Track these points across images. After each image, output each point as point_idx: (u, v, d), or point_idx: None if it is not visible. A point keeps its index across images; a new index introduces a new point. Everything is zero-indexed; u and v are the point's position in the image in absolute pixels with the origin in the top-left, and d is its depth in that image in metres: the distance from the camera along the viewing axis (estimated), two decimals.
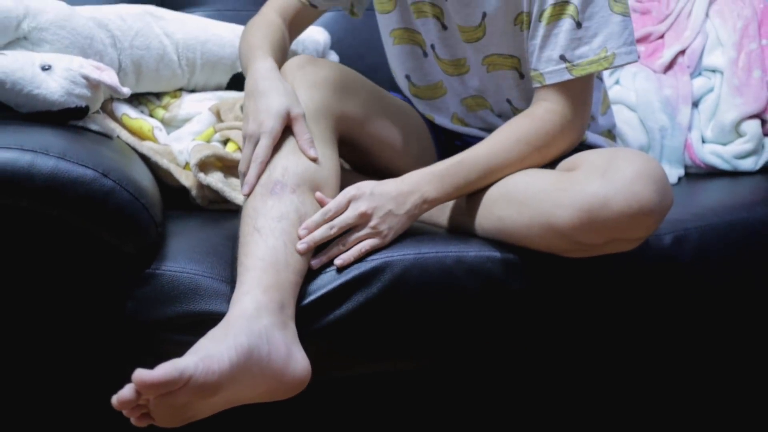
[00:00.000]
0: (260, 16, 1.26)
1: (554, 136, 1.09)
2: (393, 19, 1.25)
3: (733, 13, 1.60)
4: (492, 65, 1.19)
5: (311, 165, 1.04)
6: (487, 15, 1.14)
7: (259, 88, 1.07)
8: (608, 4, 1.05)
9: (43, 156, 0.95)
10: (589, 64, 1.07)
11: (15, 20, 1.15)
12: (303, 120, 1.05)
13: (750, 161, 1.51)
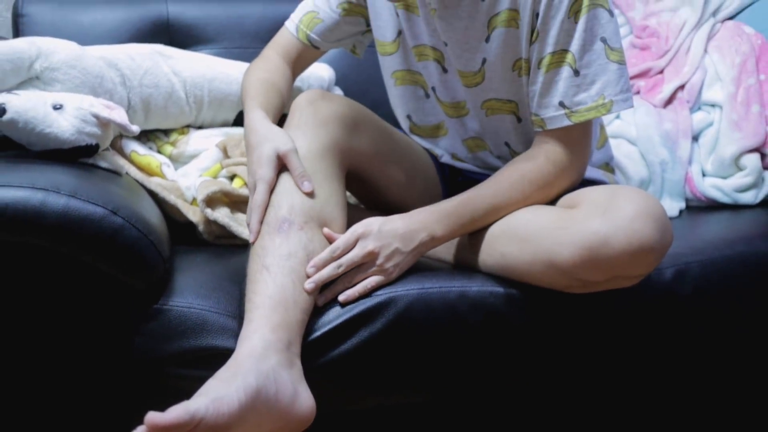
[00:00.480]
0: (261, 58, 1.29)
1: (556, 177, 1.11)
2: (395, 61, 1.27)
3: (731, 49, 1.63)
4: (491, 109, 1.22)
5: (317, 201, 1.06)
6: (486, 61, 1.16)
7: (251, 142, 1.10)
8: (605, 52, 1.08)
9: (55, 194, 0.97)
10: (587, 110, 1.09)
11: (28, 61, 1.18)
12: (294, 155, 1.06)
13: (750, 194, 1.52)
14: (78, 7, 1.60)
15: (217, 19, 1.67)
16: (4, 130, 1.12)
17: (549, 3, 1.06)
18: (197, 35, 1.65)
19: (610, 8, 1.08)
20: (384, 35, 1.26)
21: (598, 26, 1.07)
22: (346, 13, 1.28)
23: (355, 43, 1.34)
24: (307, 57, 1.32)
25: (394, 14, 1.23)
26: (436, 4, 1.15)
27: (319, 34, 1.29)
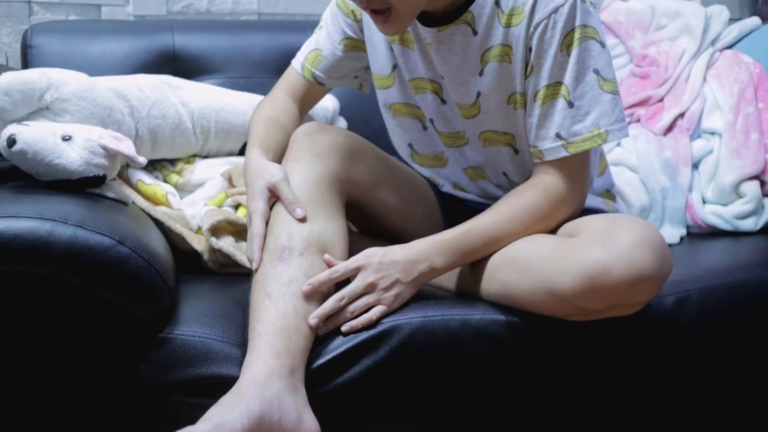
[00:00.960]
0: (269, 98, 1.32)
1: (556, 207, 1.13)
2: (392, 94, 1.30)
3: (729, 78, 1.65)
4: (487, 140, 1.24)
5: (316, 228, 1.07)
6: (481, 94, 1.18)
7: (247, 180, 1.14)
8: (598, 83, 1.10)
9: (62, 225, 0.99)
10: (583, 141, 1.11)
11: (38, 92, 1.20)
12: (283, 185, 1.09)
13: (750, 222, 1.53)
14: (86, 38, 1.62)
15: (222, 49, 1.69)
16: (14, 160, 1.15)
17: (541, 37, 1.09)
18: (203, 65, 1.67)
19: (601, 40, 1.10)
20: (381, 69, 1.29)
21: (590, 58, 1.09)
22: (348, 49, 1.31)
23: (360, 80, 1.37)
24: (314, 94, 1.35)
25: (390, 49, 1.25)
26: (431, 39, 1.18)
27: (324, 71, 1.32)
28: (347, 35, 1.30)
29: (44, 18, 1.75)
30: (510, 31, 1.12)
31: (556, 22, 1.07)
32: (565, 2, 1.07)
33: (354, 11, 1.29)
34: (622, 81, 1.78)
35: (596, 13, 1.11)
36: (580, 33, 1.08)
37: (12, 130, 1.13)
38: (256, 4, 1.89)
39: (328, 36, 1.31)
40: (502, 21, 1.12)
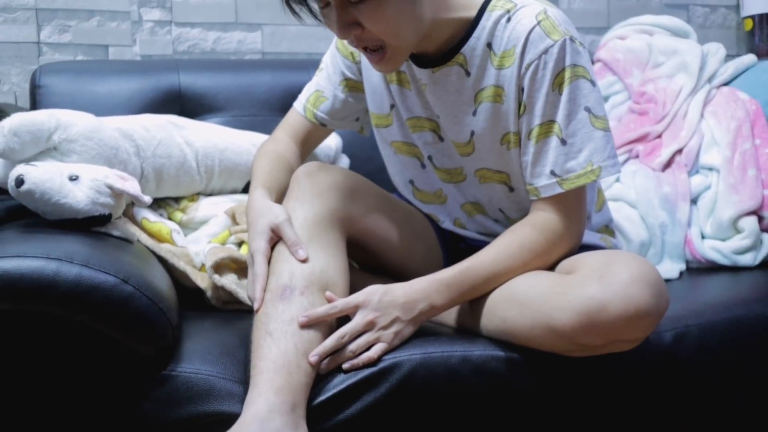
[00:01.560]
0: (271, 139, 1.35)
1: (554, 243, 1.14)
2: (393, 132, 1.32)
3: (726, 114, 1.67)
4: (483, 178, 1.26)
5: (317, 267, 1.09)
6: (475, 133, 1.21)
7: (249, 219, 1.15)
8: (590, 120, 1.12)
9: (68, 264, 1.01)
10: (577, 177, 1.13)
11: (47, 132, 1.23)
12: (286, 226, 1.10)
13: (749, 257, 1.55)
14: (93, 78, 1.65)
15: (227, 88, 1.72)
16: (22, 199, 1.17)
17: (533, 77, 1.11)
18: (208, 104, 1.70)
19: (591, 78, 1.13)
20: (380, 108, 1.32)
21: (581, 96, 1.12)
22: (348, 90, 1.34)
23: (361, 122, 1.40)
24: (316, 135, 1.38)
25: (388, 89, 1.28)
26: (426, 79, 1.21)
27: (326, 111, 1.35)
28: (347, 77, 1.33)
29: (53, 58, 1.79)
30: (502, 73, 1.15)
31: (547, 62, 1.10)
32: (554, 43, 1.10)
33: (353, 53, 1.32)
34: (621, 117, 1.81)
35: (585, 52, 1.14)
36: (570, 72, 1.11)
37: (20, 171, 1.16)
38: (260, 44, 1.93)
39: (328, 78, 1.35)
40: (495, 63, 1.15)
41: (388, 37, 1.08)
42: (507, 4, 1.15)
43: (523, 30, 1.11)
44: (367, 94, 1.33)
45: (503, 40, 1.14)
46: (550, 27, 1.10)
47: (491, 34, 1.15)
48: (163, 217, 1.43)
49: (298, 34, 1.95)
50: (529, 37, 1.11)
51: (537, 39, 1.10)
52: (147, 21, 1.85)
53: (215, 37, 1.90)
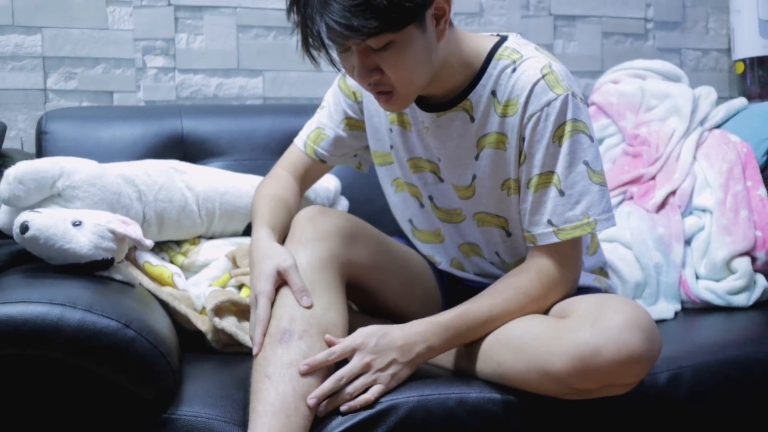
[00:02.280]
0: (271, 176, 1.37)
1: (549, 290, 1.17)
2: (394, 170, 1.35)
3: (718, 156, 1.70)
4: (481, 221, 1.29)
5: (317, 311, 1.11)
6: (476, 177, 1.24)
7: (254, 258, 1.17)
8: (587, 174, 1.15)
9: (71, 309, 1.03)
10: (573, 228, 1.15)
11: (51, 180, 1.26)
12: (293, 271, 1.12)
13: (743, 297, 1.56)
14: (98, 123, 1.69)
15: (228, 133, 1.75)
16: (27, 245, 1.20)
17: (534, 128, 1.14)
18: (210, 148, 1.73)
19: (590, 134, 1.16)
20: (382, 147, 1.35)
21: (581, 150, 1.15)
22: (349, 128, 1.37)
23: (359, 159, 1.42)
24: (315, 172, 1.41)
25: (389, 130, 1.32)
26: (429, 123, 1.24)
27: (326, 148, 1.38)
28: (348, 115, 1.37)
29: (59, 104, 1.83)
30: (506, 121, 1.18)
31: (549, 114, 1.13)
32: (557, 97, 1.13)
33: (355, 93, 1.35)
34: (615, 159, 1.84)
35: (586, 108, 1.17)
36: (571, 126, 1.14)
37: (25, 218, 1.19)
38: (261, 89, 1.98)
39: (329, 116, 1.38)
40: (498, 110, 1.18)
41: (402, 82, 1.11)
42: (513, 54, 1.18)
43: (527, 81, 1.15)
44: (369, 133, 1.36)
45: (507, 89, 1.17)
46: (553, 81, 1.14)
47: (496, 82, 1.18)
48: (165, 261, 1.45)
49: (299, 79, 1.99)
50: (533, 89, 1.14)
51: (541, 92, 1.14)
52: (151, 68, 1.90)
53: (217, 82, 1.95)
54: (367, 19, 1.01)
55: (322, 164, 1.40)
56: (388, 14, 1.02)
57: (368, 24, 1.01)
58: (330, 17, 1.02)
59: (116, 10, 1.86)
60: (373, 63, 1.09)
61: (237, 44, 1.95)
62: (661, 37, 2.30)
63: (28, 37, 1.80)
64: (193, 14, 1.92)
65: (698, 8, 2.33)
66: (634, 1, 2.27)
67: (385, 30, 1.03)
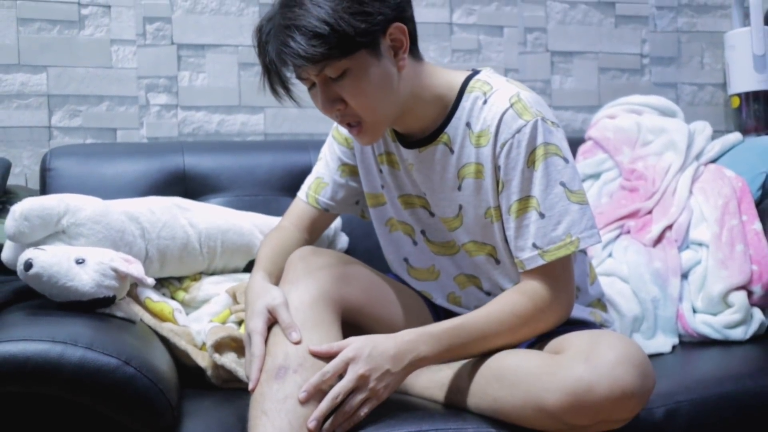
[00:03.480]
0: (276, 228, 1.41)
1: (542, 312, 1.18)
2: (387, 210, 1.38)
3: (714, 191, 1.72)
4: (471, 251, 1.31)
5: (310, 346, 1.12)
6: (462, 207, 1.27)
7: (248, 299, 1.20)
8: (565, 195, 1.18)
9: (72, 347, 1.05)
10: (557, 249, 1.18)
11: (56, 216, 1.29)
12: (282, 309, 1.15)
13: (739, 331, 1.57)
14: (101, 160, 1.71)
15: (230, 169, 1.77)
16: (30, 282, 1.22)
17: (507, 155, 1.18)
18: (211, 184, 1.75)
19: (564, 156, 1.19)
20: (373, 188, 1.38)
21: (556, 172, 1.18)
22: (346, 174, 1.41)
23: (361, 206, 1.46)
24: (320, 222, 1.44)
25: (379, 170, 1.36)
26: (412, 159, 1.28)
27: (327, 196, 1.42)
28: (343, 162, 1.41)
29: (63, 141, 1.86)
30: (480, 151, 1.22)
31: (520, 141, 1.17)
32: (526, 123, 1.17)
33: (347, 139, 1.39)
34: (612, 194, 1.86)
35: (559, 131, 1.20)
36: (543, 150, 1.17)
37: (29, 255, 1.21)
38: (262, 125, 2.01)
39: (327, 165, 1.42)
40: (473, 141, 1.22)
41: (365, 110, 1.15)
42: (484, 86, 1.22)
43: (497, 111, 1.18)
44: (362, 176, 1.40)
45: (479, 121, 1.21)
46: (521, 109, 1.18)
47: (470, 114, 1.22)
48: (166, 297, 1.47)
49: (299, 115, 2.02)
50: (502, 118, 1.18)
51: (510, 120, 1.17)
52: (154, 105, 1.93)
53: (219, 119, 1.98)
54: (313, 46, 1.08)
55: (325, 213, 1.43)
56: (332, 40, 1.08)
57: (315, 51, 1.08)
58: (282, 47, 1.10)
59: (120, 49, 1.90)
60: (335, 93, 1.14)
61: (238, 81, 1.99)
62: (657, 72, 2.33)
63: (34, 75, 1.84)
64: (195, 52, 1.96)
65: (693, 44, 2.37)
66: (629, 37, 2.31)
67: (333, 56, 1.09)
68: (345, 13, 1.08)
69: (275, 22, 1.13)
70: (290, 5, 1.11)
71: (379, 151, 1.34)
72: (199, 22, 1.95)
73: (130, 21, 1.90)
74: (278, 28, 1.11)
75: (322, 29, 1.07)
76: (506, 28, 2.19)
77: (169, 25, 1.93)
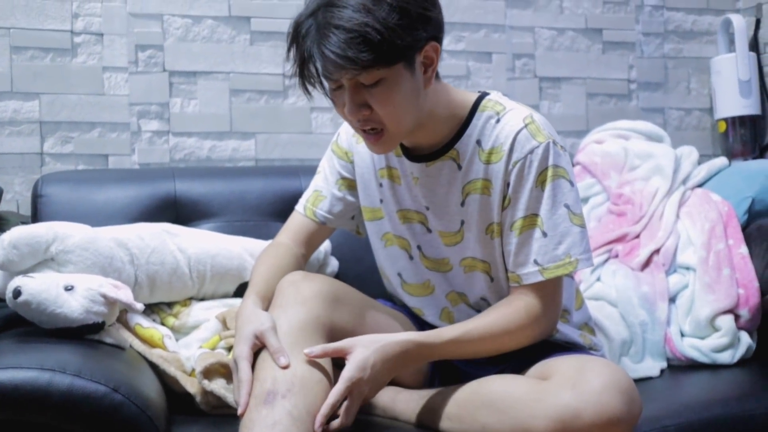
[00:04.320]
0: (273, 244, 1.42)
1: (527, 326, 1.21)
2: (385, 225, 1.40)
3: (700, 215, 1.74)
4: (468, 267, 1.33)
5: (299, 371, 1.13)
6: (464, 222, 1.29)
7: (237, 324, 1.22)
8: (569, 217, 1.21)
9: (60, 374, 1.05)
10: (556, 267, 1.21)
11: (44, 244, 1.29)
12: (270, 333, 1.16)
13: (727, 355, 1.58)
14: (92, 187, 1.71)
15: (221, 194, 1.78)
16: (19, 310, 1.22)
17: (519, 174, 1.21)
18: (202, 210, 1.75)
19: (570, 179, 1.23)
20: (371, 202, 1.40)
21: (561, 194, 1.21)
22: (344, 187, 1.44)
23: (357, 222, 1.48)
24: (317, 235, 1.45)
25: (379, 185, 1.38)
26: (418, 173, 1.30)
27: (324, 209, 1.43)
28: (342, 176, 1.43)
29: (55, 167, 1.87)
30: (490, 168, 1.24)
31: (532, 161, 1.20)
32: (539, 144, 1.20)
33: (347, 153, 1.42)
34: (600, 218, 1.87)
35: (566, 155, 1.24)
36: (552, 171, 1.20)
37: (18, 282, 1.21)
38: (253, 151, 2.02)
39: (325, 178, 1.44)
40: (482, 158, 1.25)
41: (391, 120, 1.17)
42: (496, 106, 1.26)
43: (511, 131, 1.22)
44: (360, 189, 1.42)
45: (491, 138, 1.24)
46: (535, 130, 1.21)
47: (481, 132, 1.25)
48: (156, 322, 1.47)
49: (290, 141, 2.04)
50: (516, 137, 1.21)
51: (524, 140, 1.21)
52: (146, 131, 1.94)
53: (211, 145, 1.99)
54: (361, 51, 1.09)
55: (322, 227, 1.44)
56: (380, 48, 1.09)
57: (362, 56, 1.09)
58: (327, 48, 1.10)
59: (112, 76, 1.92)
60: (363, 99, 1.16)
61: (230, 108, 2.00)
62: (644, 97, 2.36)
63: (26, 102, 1.85)
64: (187, 79, 1.97)
65: (680, 69, 2.40)
66: (617, 63, 2.34)
67: (378, 63, 1.11)
68: (395, 25, 1.10)
69: (319, 19, 1.12)
70: (337, 5, 1.10)
71: (380, 165, 1.37)
72: (191, 50, 1.97)
73: (122, 49, 1.92)
74: (323, 25, 1.11)
75: (373, 36, 1.08)
76: (495, 54, 2.22)
77: (161, 53, 1.95)
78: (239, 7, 2.01)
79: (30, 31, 1.85)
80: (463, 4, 2.19)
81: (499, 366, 1.29)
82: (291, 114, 2.05)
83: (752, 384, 1.51)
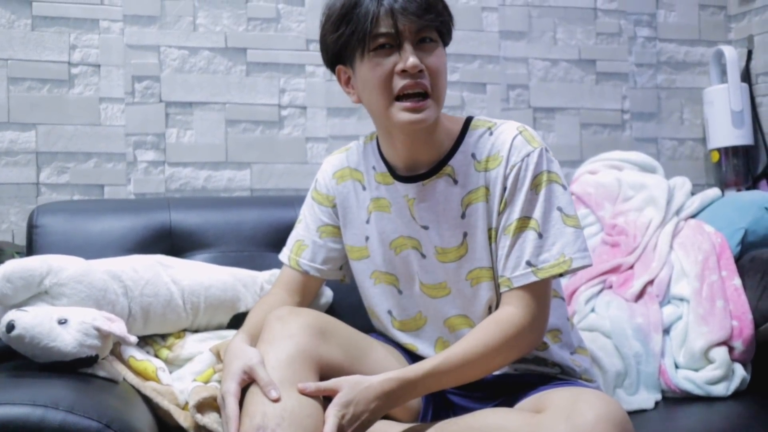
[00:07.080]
0: (267, 294, 1.45)
1: (515, 338, 1.22)
2: (372, 263, 1.40)
3: (694, 246, 1.74)
4: (475, 279, 1.33)
5: (289, 405, 1.13)
6: (467, 234, 1.30)
7: (225, 361, 1.22)
8: (561, 219, 1.25)
9: (53, 410, 1.05)
10: (550, 267, 1.23)
11: (38, 277, 1.29)
12: (259, 368, 1.16)
13: (721, 387, 1.58)
14: (88, 217, 1.72)
15: (216, 225, 1.78)
16: (12, 344, 1.22)
17: (516, 177, 1.25)
18: (197, 240, 1.75)
19: (563, 183, 1.27)
20: (357, 242, 1.41)
21: (555, 198, 1.25)
22: (326, 234, 1.44)
23: (344, 271, 1.48)
24: (308, 285, 1.47)
25: (366, 221, 1.38)
26: (415, 193, 1.32)
27: (307, 258, 1.44)
28: (324, 222, 1.44)
29: (51, 198, 1.87)
30: (489, 174, 1.28)
31: (528, 165, 1.24)
32: (534, 149, 1.25)
33: (328, 197, 1.43)
34: (594, 248, 1.88)
35: (556, 162, 1.29)
36: (546, 176, 1.25)
37: (11, 317, 1.21)
38: (248, 181, 2.03)
39: (306, 227, 1.45)
40: (480, 168, 1.29)
41: (439, 88, 1.25)
42: (488, 123, 1.32)
43: (507, 137, 1.27)
44: (344, 230, 1.42)
45: (486, 149, 1.29)
46: (529, 137, 1.27)
47: (474, 146, 1.30)
48: (150, 355, 1.46)
49: (285, 171, 2.05)
50: (513, 143, 1.26)
51: (520, 145, 1.26)
52: (141, 162, 1.95)
53: (206, 175, 2.00)
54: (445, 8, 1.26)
55: (310, 277, 1.45)
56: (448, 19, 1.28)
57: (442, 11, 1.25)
58: None
59: (109, 107, 1.93)
60: (420, 60, 1.22)
61: (225, 138, 2.02)
62: (637, 127, 2.38)
63: (23, 133, 1.86)
64: (183, 110, 1.99)
65: (673, 100, 2.42)
66: (610, 94, 2.36)
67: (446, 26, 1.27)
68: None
69: None
70: None
71: (366, 202, 1.38)
72: (187, 81, 1.99)
73: (119, 80, 1.93)
74: None
75: (447, 7, 1.27)
76: (489, 85, 2.25)
77: (158, 84, 1.96)
78: (235, 38, 2.03)
79: (27, 62, 1.87)
80: (458, 35, 2.19)
81: (494, 400, 1.29)
82: (286, 144, 2.06)
83: (746, 417, 1.50)
